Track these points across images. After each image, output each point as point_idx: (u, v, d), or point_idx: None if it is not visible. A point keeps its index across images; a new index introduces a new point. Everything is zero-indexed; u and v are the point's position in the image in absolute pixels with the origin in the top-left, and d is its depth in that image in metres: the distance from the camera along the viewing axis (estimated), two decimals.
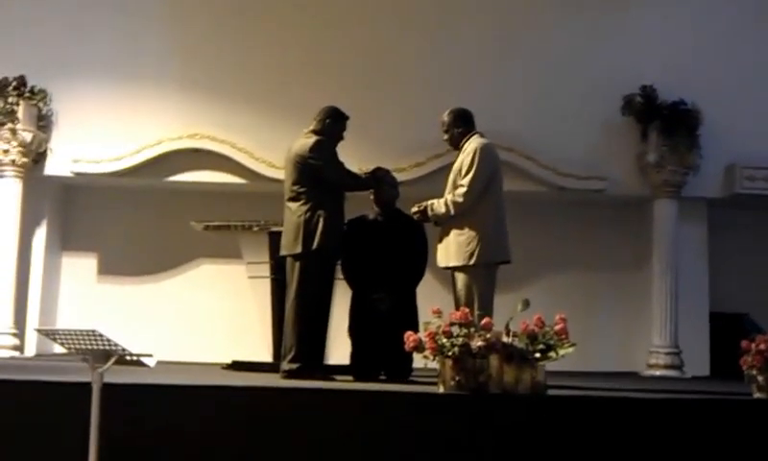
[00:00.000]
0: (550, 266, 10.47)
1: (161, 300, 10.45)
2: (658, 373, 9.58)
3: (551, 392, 5.47)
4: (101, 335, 4.08)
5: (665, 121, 9.71)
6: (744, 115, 9.96)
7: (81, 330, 4.11)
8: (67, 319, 10.06)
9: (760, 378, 5.67)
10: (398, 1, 10.28)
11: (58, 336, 4.28)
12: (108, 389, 4.27)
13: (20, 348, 9.55)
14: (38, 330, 4.36)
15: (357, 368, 6.70)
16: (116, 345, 4.10)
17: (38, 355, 9.71)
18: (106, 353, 4.13)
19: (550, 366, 5.46)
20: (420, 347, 5.39)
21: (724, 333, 9.57)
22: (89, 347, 4.14)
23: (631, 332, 10.36)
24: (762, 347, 5.64)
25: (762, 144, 9.89)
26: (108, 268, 10.60)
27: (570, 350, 5.36)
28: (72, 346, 4.20)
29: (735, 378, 6.23)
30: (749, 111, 10.00)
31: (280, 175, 7.24)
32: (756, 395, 5.70)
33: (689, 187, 9.94)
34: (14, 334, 9.46)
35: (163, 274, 10.61)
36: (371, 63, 9.98)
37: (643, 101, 9.82)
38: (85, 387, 4.27)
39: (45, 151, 9.81)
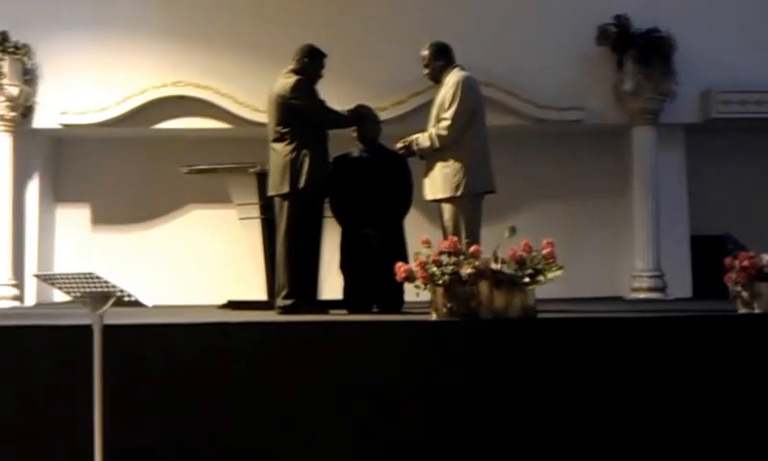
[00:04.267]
0: (533, 197, 10.53)
1: (155, 245, 10.55)
2: (641, 295, 9.77)
3: (541, 315, 5.58)
4: (98, 277, 4.16)
5: (640, 49, 9.75)
6: (718, 40, 10.00)
7: (78, 274, 4.20)
8: (65, 268, 10.07)
9: (745, 294, 5.83)
10: None
11: (56, 281, 4.36)
12: (108, 330, 4.36)
13: (20, 298, 9.69)
14: (37, 276, 4.48)
15: (350, 302, 6.81)
16: (114, 286, 4.17)
17: (39, 305, 9.87)
18: (104, 296, 4.21)
19: (536, 293, 5.58)
20: (411, 276, 5.50)
21: (705, 256, 9.74)
22: (87, 290, 4.22)
23: (614, 258, 10.50)
24: (746, 263, 5.79)
25: (736, 69, 9.94)
26: (102, 217, 10.68)
27: (559, 272, 5.48)
28: (70, 290, 4.28)
29: (718, 298, 6.39)
30: (723, 36, 10.03)
31: (265, 119, 7.25)
32: (742, 310, 5.85)
33: (666, 114, 10.03)
34: (14, 285, 9.60)
35: (156, 220, 10.69)
36: (350, 3, 9.97)
37: (617, 30, 9.86)
38: (86, 329, 4.37)
39: (33, 105, 9.84)
